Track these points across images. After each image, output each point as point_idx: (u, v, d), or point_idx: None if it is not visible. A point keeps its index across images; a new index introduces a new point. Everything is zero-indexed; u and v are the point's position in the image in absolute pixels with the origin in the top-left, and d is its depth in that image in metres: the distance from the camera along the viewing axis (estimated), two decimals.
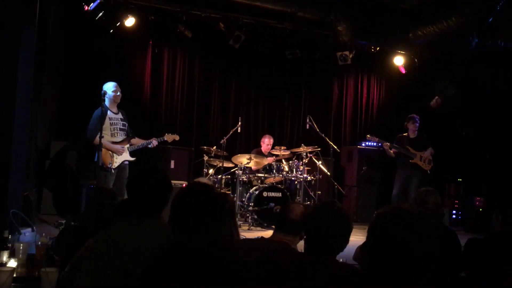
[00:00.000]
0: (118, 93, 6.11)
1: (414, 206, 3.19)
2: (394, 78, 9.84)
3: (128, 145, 6.14)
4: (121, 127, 6.15)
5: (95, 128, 5.78)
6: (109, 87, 6.06)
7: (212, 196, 2.08)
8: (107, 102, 5.97)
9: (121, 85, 6.29)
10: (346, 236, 2.32)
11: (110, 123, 6.01)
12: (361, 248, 1.73)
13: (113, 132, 6.04)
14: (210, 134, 9.20)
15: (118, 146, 6.01)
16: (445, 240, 3.44)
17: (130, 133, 6.32)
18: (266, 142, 8.32)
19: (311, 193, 7.97)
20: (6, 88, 4.56)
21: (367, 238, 1.70)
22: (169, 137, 6.46)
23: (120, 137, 6.10)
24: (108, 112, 5.97)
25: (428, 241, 1.59)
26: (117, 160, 5.99)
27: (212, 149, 7.69)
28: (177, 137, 6.57)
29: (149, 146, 6.29)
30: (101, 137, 5.55)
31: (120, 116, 6.17)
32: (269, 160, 7.96)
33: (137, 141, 6.29)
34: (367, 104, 10.38)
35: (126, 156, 6.09)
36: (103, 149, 5.73)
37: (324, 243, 2.26)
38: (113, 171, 5.91)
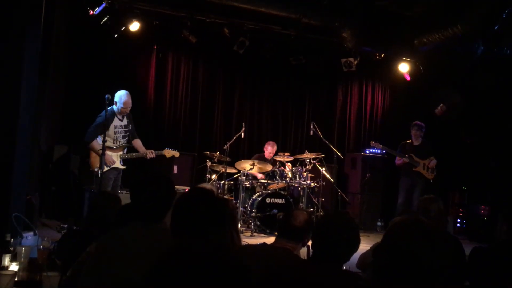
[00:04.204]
0: (128, 108, 6.13)
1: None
2: (398, 85, 9.81)
3: (121, 153, 6.15)
4: (124, 134, 6.21)
5: (95, 132, 5.84)
6: (121, 101, 6.04)
7: (212, 201, 2.08)
8: (115, 109, 6.04)
9: (125, 89, 6.30)
10: (354, 247, 2.32)
11: (114, 131, 6.08)
12: (374, 252, 1.74)
13: (115, 139, 6.10)
14: (214, 139, 9.19)
15: (110, 158, 5.98)
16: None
17: (135, 134, 6.36)
18: (269, 150, 8.30)
19: (314, 200, 7.94)
20: (10, 92, 4.57)
21: (382, 243, 1.70)
22: (168, 153, 6.43)
23: (119, 144, 6.14)
24: (115, 119, 6.04)
25: (442, 255, 1.60)
26: (106, 165, 5.96)
27: (215, 155, 7.68)
28: (177, 154, 6.53)
29: (145, 157, 6.27)
30: (104, 141, 5.62)
31: (124, 122, 6.21)
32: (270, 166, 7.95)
33: (138, 146, 6.33)
34: (372, 111, 10.35)
35: (116, 164, 6.10)
36: (93, 153, 5.91)
37: (332, 252, 2.26)
38: (99, 175, 5.84)
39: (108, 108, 5.95)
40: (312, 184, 7.88)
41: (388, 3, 7.42)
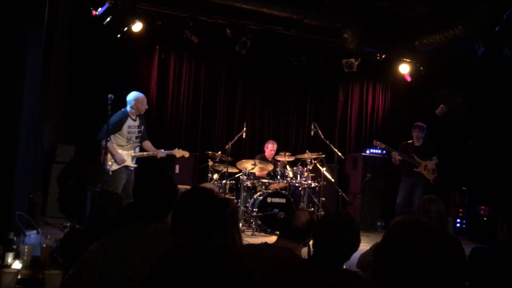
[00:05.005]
0: (142, 108, 6.27)
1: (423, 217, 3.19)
2: (399, 86, 9.83)
3: (132, 152, 6.23)
4: (137, 134, 6.31)
5: (108, 132, 5.94)
6: (134, 102, 6.17)
7: (212, 200, 2.08)
8: (129, 109, 6.15)
9: (127, 89, 6.36)
10: (355, 247, 2.34)
11: (128, 131, 6.17)
12: (374, 252, 1.75)
13: (129, 139, 6.19)
14: (215, 139, 9.21)
15: (120, 157, 6.06)
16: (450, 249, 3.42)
17: (145, 136, 6.46)
18: (270, 148, 8.33)
19: (315, 200, 7.95)
20: (13, 91, 4.58)
21: (382, 243, 1.71)
22: (177, 152, 6.57)
23: (132, 144, 6.23)
24: (128, 119, 6.15)
25: (443, 256, 1.61)
26: (116, 164, 6.06)
27: (217, 154, 7.70)
28: (186, 154, 6.69)
29: (156, 156, 6.41)
30: (106, 141, 5.69)
31: (137, 123, 6.30)
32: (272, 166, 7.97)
33: (148, 147, 6.43)
34: (372, 112, 10.37)
35: (127, 162, 6.17)
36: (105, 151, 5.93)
37: (332, 252, 2.27)
38: (110, 173, 5.96)
39: (122, 109, 6.13)
40: (313, 184, 7.89)
41: (390, 5, 7.43)
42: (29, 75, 4.68)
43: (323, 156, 7.94)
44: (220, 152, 7.80)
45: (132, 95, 6.22)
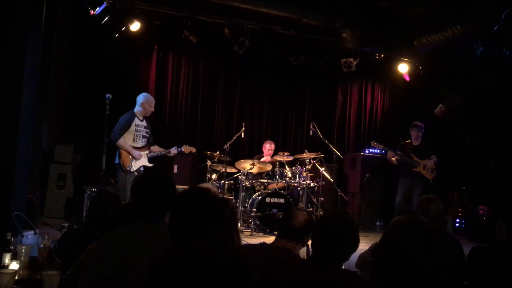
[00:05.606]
0: (149, 109, 6.46)
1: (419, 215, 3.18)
2: (398, 85, 9.83)
3: (147, 152, 6.40)
4: (144, 134, 6.44)
5: (120, 131, 6.13)
6: (141, 102, 6.35)
7: (211, 200, 2.08)
8: (137, 110, 6.33)
9: (125, 89, 6.42)
10: (353, 246, 2.33)
11: (135, 129, 6.32)
12: (373, 252, 1.74)
13: (135, 138, 6.32)
14: (214, 139, 9.21)
15: (137, 152, 6.25)
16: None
17: (152, 141, 6.59)
18: (267, 148, 8.33)
19: (314, 200, 7.95)
20: (12, 91, 4.58)
21: (381, 243, 1.71)
22: (186, 149, 6.81)
23: (141, 143, 6.38)
24: (135, 118, 6.31)
25: (442, 255, 1.60)
26: (136, 164, 6.25)
27: (215, 154, 7.69)
28: (193, 150, 6.90)
29: (168, 154, 6.64)
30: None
31: (144, 124, 6.45)
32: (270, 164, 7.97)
33: (157, 149, 6.59)
34: (371, 111, 10.37)
35: (144, 162, 6.35)
36: (124, 152, 6.16)
37: (331, 251, 2.27)
38: (135, 173, 6.14)
39: (130, 110, 6.31)
40: (312, 183, 7.88)
41: (389, 4, 7.42)
42: (28, 75, 4.68)
43: (322, 156, 7.94)
44: (218, 152, 7.80)
45: (142, 95, 6.43)
